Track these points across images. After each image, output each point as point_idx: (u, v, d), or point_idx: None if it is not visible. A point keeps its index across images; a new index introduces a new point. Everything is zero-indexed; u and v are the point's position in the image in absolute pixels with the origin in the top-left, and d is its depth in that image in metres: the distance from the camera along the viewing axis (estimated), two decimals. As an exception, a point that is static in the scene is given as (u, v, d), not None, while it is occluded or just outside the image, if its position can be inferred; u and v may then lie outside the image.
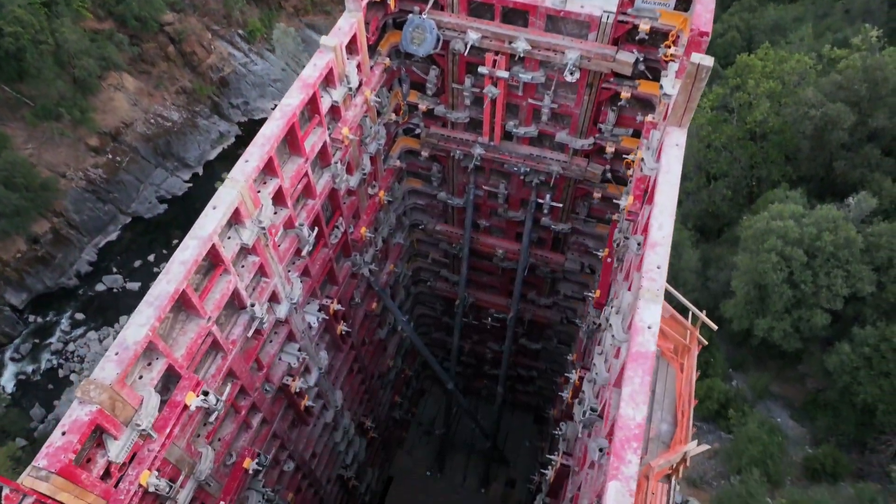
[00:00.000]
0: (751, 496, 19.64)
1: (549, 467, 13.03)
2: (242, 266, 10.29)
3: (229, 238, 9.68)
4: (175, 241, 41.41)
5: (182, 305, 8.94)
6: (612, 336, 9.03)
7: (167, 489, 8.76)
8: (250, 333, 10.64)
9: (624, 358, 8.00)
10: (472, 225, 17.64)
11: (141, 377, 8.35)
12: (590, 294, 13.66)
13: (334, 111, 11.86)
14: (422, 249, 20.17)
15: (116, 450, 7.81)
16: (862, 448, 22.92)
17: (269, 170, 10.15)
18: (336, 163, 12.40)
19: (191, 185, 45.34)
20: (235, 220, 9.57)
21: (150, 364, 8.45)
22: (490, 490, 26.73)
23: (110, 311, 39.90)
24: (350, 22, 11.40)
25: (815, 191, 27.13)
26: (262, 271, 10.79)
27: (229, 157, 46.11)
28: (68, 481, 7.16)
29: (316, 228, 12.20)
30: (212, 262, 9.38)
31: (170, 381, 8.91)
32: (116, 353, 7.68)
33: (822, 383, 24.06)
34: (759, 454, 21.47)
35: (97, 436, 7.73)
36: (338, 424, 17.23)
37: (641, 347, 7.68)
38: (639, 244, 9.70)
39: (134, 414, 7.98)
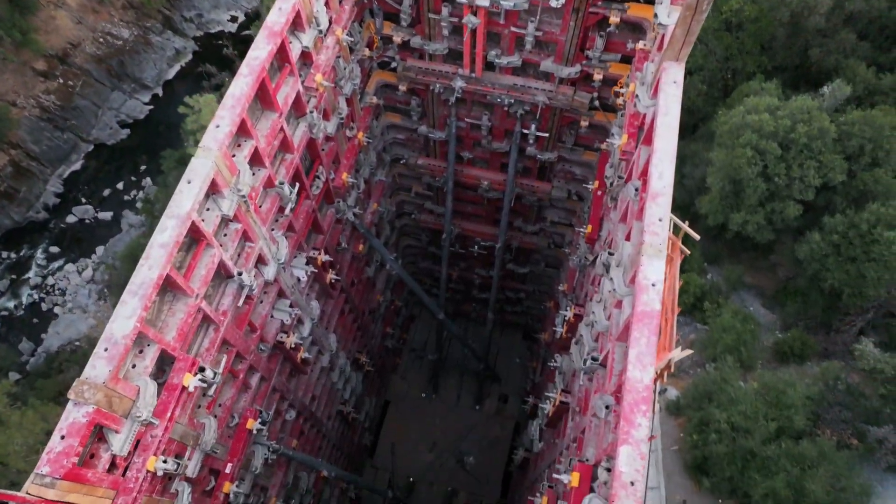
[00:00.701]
0: (724, 381, 20.58)
1: (548, 402, 13.31)
2: (225, 235, 9.81)
3: (208, 210, 9.16)
4: (143, 168, 40.85)
5: (167, 287, 8.55)
6: (613, 288, 8.89)
7: (175, 467, 8.74)
8: (241, 302, 10.34)
9: (629, 316, 7.89)
10: (455, 158, 17.06)
11: (134, 366, 8.10)
12: (581, 229, 13.46)
13: (305, 57, 10.99)
14: (404, 184, 19.64)
15: (119, 443, 7.67)
16: (828, 330, 24.09)
17: (242, 132, 9.48)
18: (311, 111, 11.65)
19: (152, 107, 43.13)
20: (213, 191, 9.02)
21: (141, 352, 8.18)
22: (484, 406, 27.69)
23: (85, 242, 39.47)
24: (314, -46, 10.33)
25: (791, 81, 26.79)
26: (245, 237, 10.34)
27: (189, 76, 43.99)
28: (75, 482, 7.05)
29: (297, 184, 11.63)
30: (193, 238, 8.91)
31: (164, 363, 8.68)
32: (106, 350, 7.37)
33: (792, 272, 24.99)
34: (733, 342, 22.40)
35: (97, 432, 7.57)
36: (334, 366, 17.37)
37: (647, 307, 7.55)
38: (637, 189, 9.38)
39: (132, 406, 7.79)
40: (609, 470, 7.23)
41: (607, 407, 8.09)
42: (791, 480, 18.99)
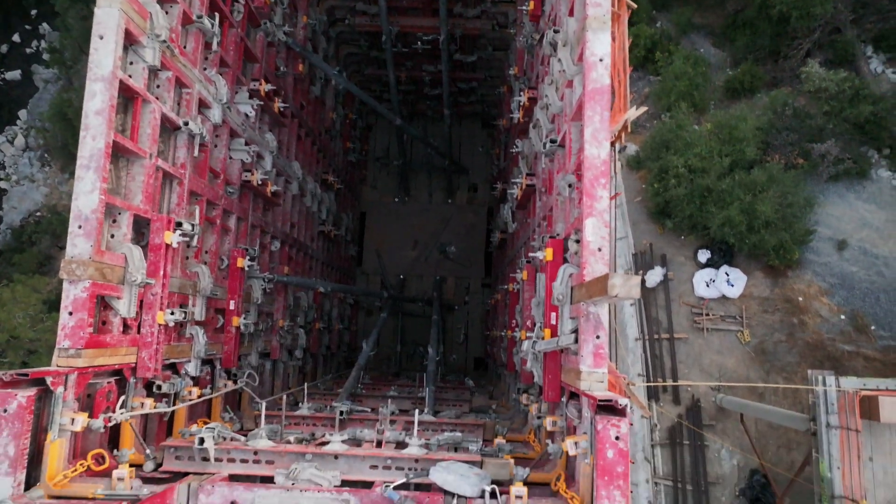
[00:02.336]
0: (679, 128, 21.61)
1: (515, 186, 13.91)
2: (158, 87, 9.34)
3: (132, 64, 8.59)
4: (33, 12, 36.78)
5: (118, 153, 8.37)
6: (563, 69, 8.86)
7: (182, 316, 9.38)
8: (196, 152, 10.19)
9: (580, 95, 8.01)
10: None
11: (113, 236, 8.26)
12: (524, 7, 12.87)
13: None
14: (329, -14, 18.10)
15: (125, 307, 8.14)
16: (776, 58, 24.78)
17: (140, -34, 8.51)
18: (208, -76, 10.34)
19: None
20: (130, 41, 8.38)
21: (115, 221, 8.29)
22: (456, 198, 28.73)
23: (3, 108, 37.13)
24: None
25: None
26: (180, 83, 9.85)
27: None
28: (97, 348, 7.64)
29: (216, 14, 10.74)
30: (127, 98, 8.50)
31: (141, 227, 8.85)
32: (79, 227, 7.47)
33: (741, 3, 24.89)
34: (686, 88, 23.02)
35: (101, 301, 7.99)
36: (304, 192, 17.60)
37: (596, 84, 7.64)
38: (574, -44, 8.86)
39: (124, 272, 8.11)
40: (578, 241, 7.92)
41: (570, 185, 8.57)
42: (744, 207, 20.72)
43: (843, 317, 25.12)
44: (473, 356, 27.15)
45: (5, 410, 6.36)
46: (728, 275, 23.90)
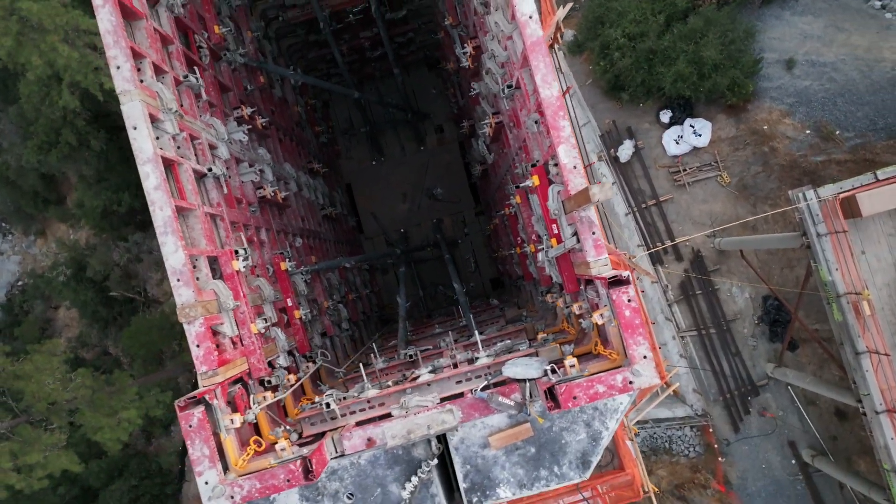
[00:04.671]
0: (609, 0, 22.40)
1: (485, 125, 15.70)
2: (179, 148, 11.02)
3: (158, 139, 10.27)
4: None
5: (179, 212, 10.19)
6: (501, 29, 10.55)
7: (266, 322, 11.47)
8: (225, 190, 11.97)
9: (523, 49, 9.77)
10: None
11: (198, 278, 10.20)
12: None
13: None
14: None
15: (229, 328, 10.20)
16: None
17: (136, 57, 10.07)
18: (162, -7, 11.71)
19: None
20: (153, 121, 10.04)
21: (195, 266, 10.20)
22: (427, 144, 30.33)
23: None
24: None
25: None
26: (192, 137, 11.52)
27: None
28: (223, 366, 9.74)
29: (195, 67, 12.25)
30: (166, 166, 10.24)
31: (213, 264, 10.78)
32: (178, 280, 9.41)
33: None
34: None
35: (212, 331, 10.02)
36: (301, 186, 19.34)
37: (533, 37, 9.40)
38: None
39: (219, 303, 10.11)
40: (556, 164, 9.91)
41: (536, 122, 10.47)
42: (690, 57, 22.08)
43: (808, 131, 27.23)
44: (488, 279, 29.52)
45: (191, 426, 8.52)
46: (693, 126, 25.83)
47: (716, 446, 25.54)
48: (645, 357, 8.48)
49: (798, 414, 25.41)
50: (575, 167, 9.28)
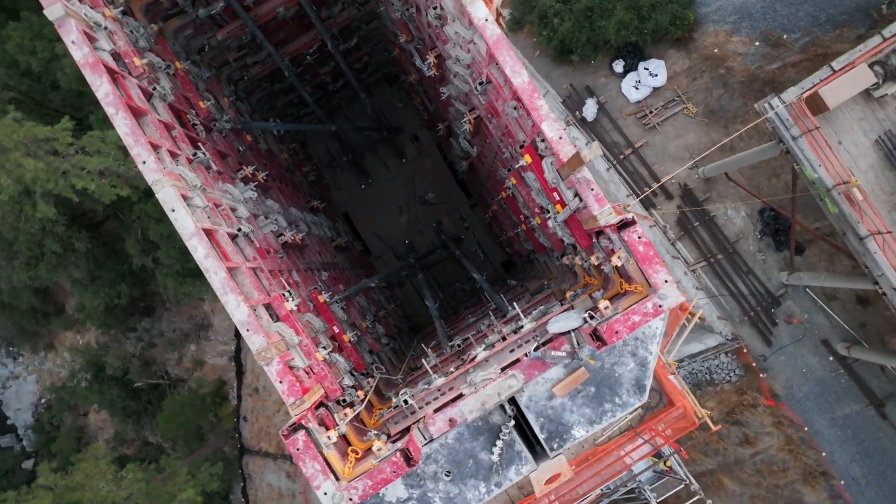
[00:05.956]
0: None
1: (464, 122, 16.88)
2: (209, 218, 12.18)
3: (193, 214, 11.42)
4: None
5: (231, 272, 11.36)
6: (462, 37, 11.73)
7: (324, 348, 12.64)
8: (256, 244, 13.13)
9: (486, 48, 10.94)
10: (241, 8, 17.76)
11: (263, 325, 11.36)
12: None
13: (116, 57, 11.92)
14: (222, 60, 20.33)
15: (301, 361, 11.35)
16: None
17: (154, 147, 11.23)
18: (153, 91, 12.88)
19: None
20: (184, 199, 11.19)
21: (258, 316, 11.36)
22: (407, 155, 31.52)
23: None
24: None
25: None
26: (216, 206, 12.68)
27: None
28: (305, 394, 10.90)
29: (197, 145, 13.42)
30: (208, 236, 11.40)
31: (269, 310, 11.94)
32: (247, 330, 10.56)
33: None
34: None
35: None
36: (310, 226, 20.51)
37: (494, 36, 10.58)
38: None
39: (286, 342, 11.27)
40: (543, 140, 11.10)
41: (515, 108, 11.66)
42: (626, 4, 22.82)
43: (757, 43, 28.33)
44: (499, 263, 30.69)
45: (298, 448, 9.68)
46: (647, 69, 26.94)
47: (754, 364, 26.41)
48: (666, 281, 9.67)
49: (823, 312, 26.25)
50: (561, 138, 10.46)
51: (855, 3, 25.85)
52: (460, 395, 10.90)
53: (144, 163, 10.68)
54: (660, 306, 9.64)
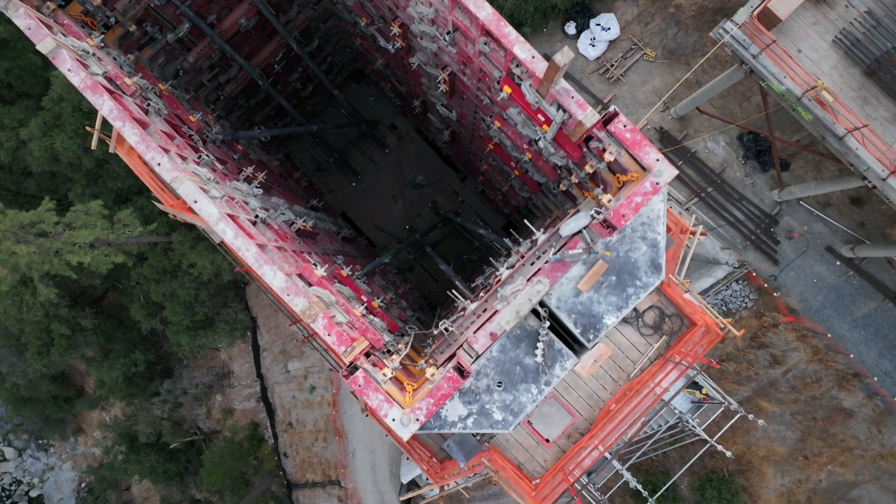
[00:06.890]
0: None
1: (439, 83, 17.67)
2: (224, 207, 12.96)
3: (212, 202, 12.21)
4: None
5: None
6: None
7: (361, 308, 13.41)
8: (276, 228, 13.92)
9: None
10: (206, 27, 18.57)
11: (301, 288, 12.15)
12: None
13: (108, 79, 12.71)
14: (199, 82, 21.10)
15: (341, 317, 12.13)
16: None
17: (165, 150, 12.02)
18: (149, 105, 13.66)
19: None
20: (203, 190, 11.98)
21: (295, 283, 12.15)
22: (389, 144, 32.31)
23: None
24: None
25: None
26: (230, 199, 13.47)
27: None
28: (353, 342, 11.68)
29: (198, 152, 14.21)
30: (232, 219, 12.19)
31: (303, 279, 12.73)
32: (288, 294, 11.34)
33: None
34: None
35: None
36: (315, 220, 21.30)
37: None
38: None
39: (325, 301, 12.05)
40: (518, 64, 11.90)
41: (486, 43, 12.46)
42: None
43: (698, -25, 28.99)
44: (499, 227, 31.52)
45: (360, 385, 10.47)
46: (599, 24, 27.75)
47: (766, 286, 27.00)
48: (658, 160, 10.49)
49: (821, 220, 26.89)
50: (533, 57, 11.26)
51: None
52: (495, 313, 11.69)
53: (159, 164, 11.46)
54: (657, 183, 10.45)
